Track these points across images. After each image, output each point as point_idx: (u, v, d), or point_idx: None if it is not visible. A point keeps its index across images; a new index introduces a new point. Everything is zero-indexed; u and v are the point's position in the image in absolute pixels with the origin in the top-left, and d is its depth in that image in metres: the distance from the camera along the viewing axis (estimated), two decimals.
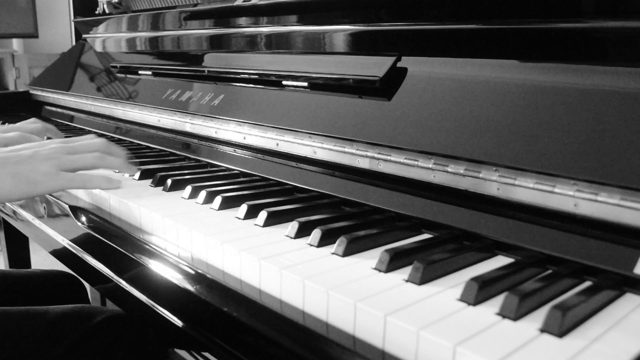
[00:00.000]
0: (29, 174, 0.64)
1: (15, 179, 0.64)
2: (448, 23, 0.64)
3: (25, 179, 0.64)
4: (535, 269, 0.46)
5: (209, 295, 0.48)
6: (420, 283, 0.43)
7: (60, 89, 1.37)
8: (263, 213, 0.57)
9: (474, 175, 0.53)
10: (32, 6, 3.00)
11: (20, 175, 0.64)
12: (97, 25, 1.37)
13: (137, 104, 1.06)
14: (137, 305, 0.57)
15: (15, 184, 0.64)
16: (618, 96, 0.49)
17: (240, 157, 0.80)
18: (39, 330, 0.72)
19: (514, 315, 0.37)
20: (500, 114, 0.55)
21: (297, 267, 0.46)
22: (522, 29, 0.58)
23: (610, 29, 0.52)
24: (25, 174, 0.64)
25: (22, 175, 0.64)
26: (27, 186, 0.64)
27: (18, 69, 2.91)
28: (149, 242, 0.58)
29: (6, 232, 1.56)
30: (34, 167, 0.65)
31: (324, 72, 0.74)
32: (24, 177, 0.64)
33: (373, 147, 0.62)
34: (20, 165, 0.65)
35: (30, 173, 0.64)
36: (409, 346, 0.36)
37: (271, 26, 0.87)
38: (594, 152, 0.47)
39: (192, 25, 1.05)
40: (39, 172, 0.65)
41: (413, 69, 0.66)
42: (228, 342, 0.46)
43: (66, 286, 1.01)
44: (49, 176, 0.65)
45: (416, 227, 0.56)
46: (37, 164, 0.65)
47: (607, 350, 0.34)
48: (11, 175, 0.64)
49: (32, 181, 0.64)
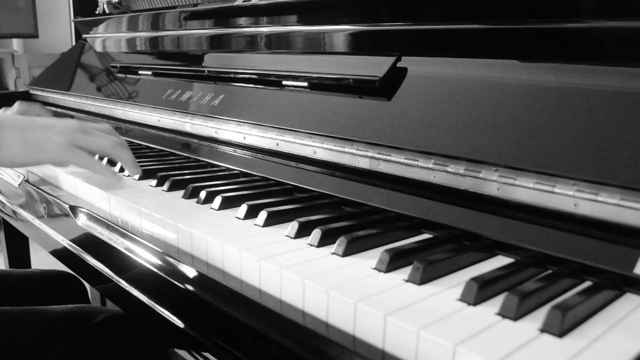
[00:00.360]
0: (40, 141, 0.65)
1: (24, 143, 0.65)
2: (448, 23, 0.64)
3: (35, 145, 0.65)
4: (535, 269, 0.46)
5: (209, 295, 0.48)
6: (420, 283, 0.43)
7: (60, 89, 1.37)
8: (263, 213, 0.57)
9: (474, 175, 0.53)
10: (32, 6, 3.00)
11: (31, 141, 0.65)
12: (97, 25, 1.37)
13: (137, 104, 1.06)
14: (137, 305, 0.57)
15: (23, 148, 0.65)
16: (618, 96, 0.49)
17: (240, 157, 0.80)
18: (39, 330, 0.72)
19: (514, 315, 0.37)
20: (500, 114, 0.55)
21: (297, 267, 0.46)
22: (522, 29, 0.57)
23: (610, 29, 0.52)
24: (37, 141, 0.65)
25: (32, 142, 0.65)
26: (35, 151, 0.65)
27: (18, 69, 2.91)
28: (149, 242, 0.58)
29: (6, 232, 1.56)
30: (47, 135, 0.66)
31: (324, 72, 0.74)
32: (34, 143, 0.65)
33: (373, 147, 0.62)
34: (34, 132, 0.66)
35: (41, 141, 0.65)
36: (409, 346, 0.36)
37: (271, 26, 0.87)
38: (594, 152, 0.47)
39: (192, 25, 1.05)
40: (51, 141, 0.66)
41: (413, 69, 0.66)
42: (228, 342, 0.46)
43: (66, 286, 1.01)
44: (59, 146, 0.66)
45: (416, 227, 0.56)
46: (52, 134, 0.66)
47: (607, 350, 0.34)
48: (22, 139, 0.65)
49: (41, 147, 0.65)
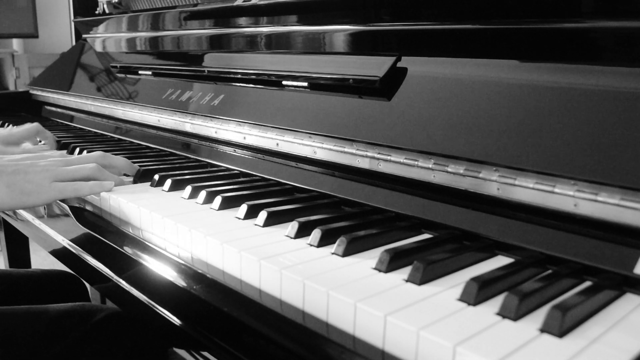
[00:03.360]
0: (24, 184, 0.66)
1: (9, 188, 0.65)
2: (448, 23, 0.64)
3: (20, 190, 0.66)
4: (535, 269, 0.46)
5: (209, 295, 0.48)
6: (420, 283, 0.43)
7: (60, 89, 1.37)
8: (263, 213, 0.57)
9: (474, 175, 0.53)
10: (32, 6, 3.00)
11: (15, 185, 0.66)
12: (97, 25, 1.37)
13: (137, 104, 1.06)
14: (137, 305, 0.57)
15: (9, 194, 0.65)
16: (618, 96, 0.49)
17: (240, 157, 0.80)
18: (40, 329, 0.72)
19: (514, 315, 0.37)
20: (500, 114, 0.55)
21: (297, 267, 0.46)
22: (522, 29, 0.57)
23: (610, 29, 0.52)
24: (20, 184, 0.66)
25: (17, 186, 0.66)
26: (20, 196, 0.66)
27: (18, 69, 2.91)
28: (149, 242, 0.58)
29: (6, 232, 1.56)
30: (29, 178, 0.67)
31: (323, 72, 0.74)
32: (18, 187, 0.66)
33: (373, 147, 0.62)
34: (16, 175, 0.66)
35: (24, 184, 0.66)
36: (409, 346, 0.36)
37: (271, 26, 0.87)
38: (594, 152, 0.47)
39: (192, 25, 1.05)
40: (33, 183, 0.66)
41: (413, 69, 0.66)
42: (228, 342, 0.46)
43: (67, 286, 1.01)
44: (42, 187, 0.67)
45: (416, 227, 0.56)
46: (33, 175, 0.67)
47: (607, 350, 0.34)
48: (6, 184, 0.65)
49: (25, 192, 0.66)
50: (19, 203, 0.66)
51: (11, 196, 0.65)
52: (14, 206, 0.67)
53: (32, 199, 0.66)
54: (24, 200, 0.66)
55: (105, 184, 0.70)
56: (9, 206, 0.66)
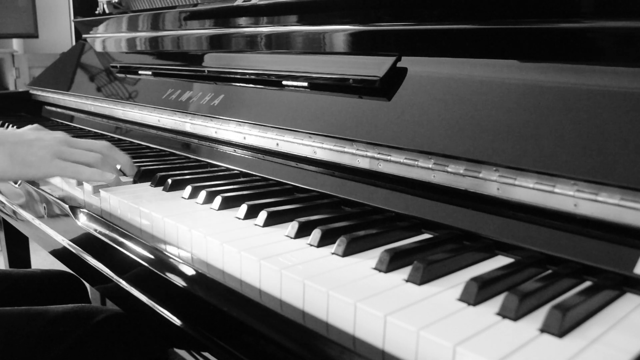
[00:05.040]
0: (26, 155, 0.66)
1: (11, 158, 0.66)
2: (448, 23, 0.64)
3: (21, 160, 0.66)
4: (535, 269, 0.46)
5: (209, 295, 0.48)
6: (420, 283, 0.43)
7: (60, 89, 1.37)
8: (263, 213, 0.57)
9: (474, 175, 0.53)
10: (32, 6, 3.00)
11: (17, 155, 0.66)
12: (97, 25, 1.37)
13: (137, 104, 1.06)
14: (137, 305, 0.57)
15: (11, 163, 0.66)
16: (618, 96, 0.49)
17: (240, 157, 0.80)
18: (39, 330, 0.72)
19: (514, 315, 0.37)
20: (500, 114, 0.55)
21: (297, 267, 0.46)
22: (521, 29, 0.57)
23: (610, 29, 0.52)
24: (22, 155, 0.66)
25: (19, 156, 0.66)
26: (21, 167, 0.66)
27: (18, 69, 2.91)
28: (150, 242, 0.58)
29: (6, 232, 1.56)
30: (32, 150, 0.67)
31: (323, 72, 0.74)
32: (20, 157, 0.66)
33: (373, 147, 0.62)
34: (19, 146, 0.67)
35: (26, 155, 0.66)
36: (409, 346, 0.36)
37: (271, 26, 0.87)
38: (594, 152, 0.47)
39: (192, 25, 1.05)
40: (35, 156, 0.67)
41: (413, 69, 0.66)
42: (228, 342, 0.46)
43: (67, 286, 1.01)
44: (43, 161, 0.67)
45: (416, 227, 0.56)
46: (36, 148, 0.67)
47: (607, 350, 0.34)
48: (9, 154, 0.66)
49: (27, 163, 0.66)
50: (20, 173, 0.66)
51: (12, 165, 0.66)
52: (14, 176, 0.67)
53: (32, 171, 0.67)
54: (24, 171, 0.66)
55: (106, 174, 0.70)
56: (9, 176, 0.67)
